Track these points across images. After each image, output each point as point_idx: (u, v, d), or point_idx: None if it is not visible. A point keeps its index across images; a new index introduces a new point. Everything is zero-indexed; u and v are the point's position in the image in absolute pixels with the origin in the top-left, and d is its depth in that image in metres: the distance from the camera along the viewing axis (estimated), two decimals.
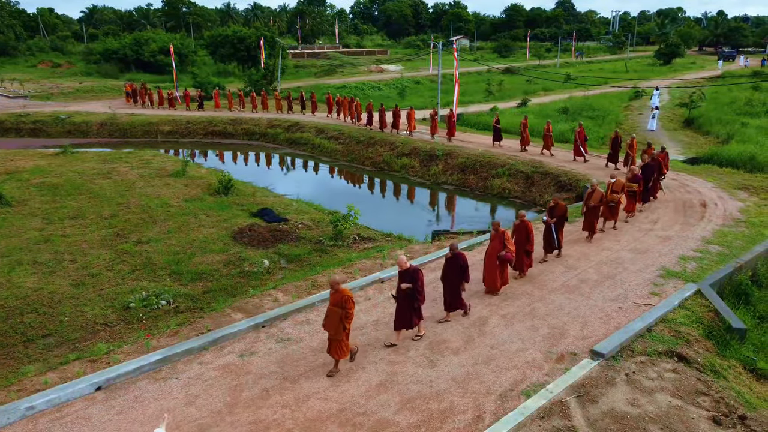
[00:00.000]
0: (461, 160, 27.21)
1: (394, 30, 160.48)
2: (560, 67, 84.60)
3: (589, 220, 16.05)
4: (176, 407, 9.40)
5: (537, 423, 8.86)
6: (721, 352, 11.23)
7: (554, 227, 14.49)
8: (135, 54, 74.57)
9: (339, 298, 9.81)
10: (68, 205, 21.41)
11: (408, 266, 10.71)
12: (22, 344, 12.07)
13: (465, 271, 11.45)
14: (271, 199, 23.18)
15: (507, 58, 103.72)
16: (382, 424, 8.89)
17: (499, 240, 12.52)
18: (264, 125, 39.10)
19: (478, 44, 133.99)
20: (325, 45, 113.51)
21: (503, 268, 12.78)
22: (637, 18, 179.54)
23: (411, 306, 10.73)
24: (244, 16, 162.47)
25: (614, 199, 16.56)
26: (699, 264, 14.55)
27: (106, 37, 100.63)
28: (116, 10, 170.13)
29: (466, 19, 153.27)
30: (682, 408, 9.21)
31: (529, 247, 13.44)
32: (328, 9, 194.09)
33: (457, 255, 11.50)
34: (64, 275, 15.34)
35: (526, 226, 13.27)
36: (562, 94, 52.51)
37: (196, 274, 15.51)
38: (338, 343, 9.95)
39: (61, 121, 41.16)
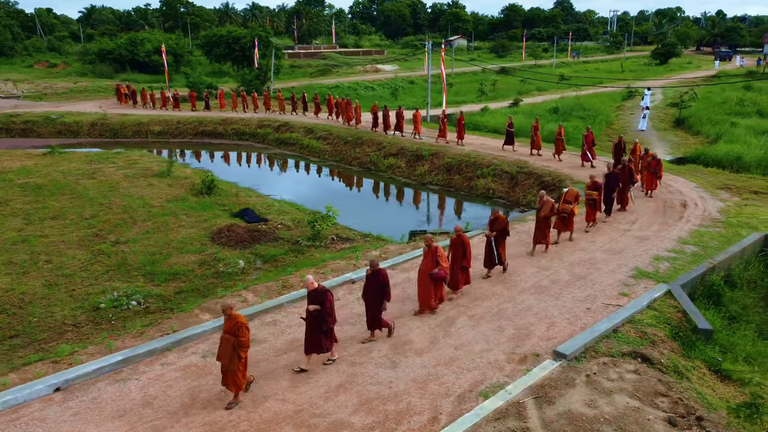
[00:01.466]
0: (447, 160, 27.16)
1: (392, 30, 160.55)
2: (556, 67, 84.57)
3: (541, 232, 15.11)
4: (133, 408, 9.38)
5: (492, 424, 8.83)
6: (687, 353, 11.20)
7: (494, 241, 13.53)
8: (130, 54, 74.50)
9: (232, 325, 9.05)
10: (50, 206, 21.40)
11: (316, 286, 10.01)
12: None
13: (385, 288, 10.79)
14: (254, 199, 23.15)
15: (504, 58, 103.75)
16: (336, 426, 8.86)
17: (431, 257, 11.76)
18: (254, 125, 39.07)
19: (476, 44, 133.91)
20: (321, 45, 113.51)
21: (437, 286, 12.01)
22: (636, 18, 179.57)
23: (320, 329, 10.01)
24: (242, 16, 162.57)
25: (566, 209, 15.64)
26: (672, 264, 14.51)
27: (103, 37, 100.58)
28: (114, 10, 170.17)
29: (464, 19, 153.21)
30: (639, 409, 9.17)
31: (465, 263, 12.60)
32: (327, 9, 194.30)
33: (377, 272, 10.82)
34: (37, 276, 15.32)
35: (463, 241, 12.49)
36: (555, 94, 52.47)
37: (170, 274, 15.49)
38: (233, 374, 9.15)
39: (52, 122, 41.15)
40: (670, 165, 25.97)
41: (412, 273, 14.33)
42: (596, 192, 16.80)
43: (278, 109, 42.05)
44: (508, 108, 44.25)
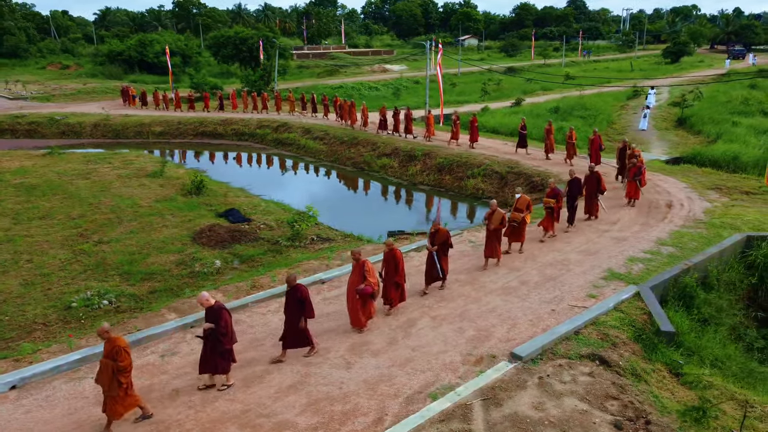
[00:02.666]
0: (439, 160, 27.11)
1: (403, 30, 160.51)
2: (566, 66, 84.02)
3: (491, 245, 14.21)
4: (84, 407, 9.49)
5: (435, 426, 8.80)
6: (648, 356, 11.07)
7: (436, 255, 12.85)
8: (139, 55, 75.24)
9: (110, 349, 8.50)
10: (40, 206, 21.68)
11: (211, 303, 9.46)
12: None
13: (304, 305, 10.30)
14: (242, 199, 23.27)
15: (513, 57, 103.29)
16: (281, 426, 8.88)
17: (359, 271, 11.16)
18: (253, 126, 39.28)
19: (487, 44, 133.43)
20: (331, 45, 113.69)
21: (365, 302, 11.37)
22: (650, 16, 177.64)
23: (215, 349, 9.50)
24: (254, 17, 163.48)
25: (516, 218, 14.73)
26: (646, 266, 14.36)
27: (114, 39, 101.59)
28: (129, 12, 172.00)
29: (476, 18, 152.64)
30: (587, 412, 9.09)
31: (398, 278, 11.91)
32: (339, 9, 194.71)
33: (296, 288, 10.30)
34: (16, 275, 15.53)
35: (395, 256, 11.78)
36: (559, 94, 52.08)
37: (146, 274, 15.61)
38: (113, 400, 8.55)
39: (56, 123, 41.69)
40: (662, 165, 25.71)
41: None
42: (554, 199, 15.78)
43: (290, 110, 42.00)
44: (510, 107, 44.05)
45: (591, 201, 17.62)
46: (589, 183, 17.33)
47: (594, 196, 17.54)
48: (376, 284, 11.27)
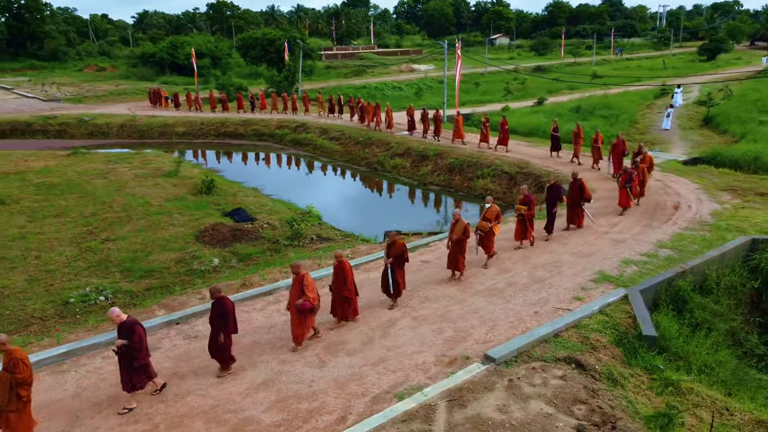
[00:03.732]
0: (450, 160, 27.04)
1: (434, 29, 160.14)
2: (596, 64, 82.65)
3: (452, 257, 13.51)
4: (62, 398, 9.80)
5: (397, 426, 8.83)
6: (628, 360, 10.87)
7: (390, 268, 12.23)
8: (171, 57, 76.88)
9: (7, 361, 8.10)
10: (56, 204, 22.40)
11: (123, 319, 9.16)
12: None
13: (227, 319, 9.86)
14: (251, 198, 23.62)
15: (543, 56, 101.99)
16: (245, 422, 9.04)
17: (298, 285, 10.71)
18: (273, 126, 39.79)
19: (518, 42, 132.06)
20: (360, 45, 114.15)
21: (304, 318, 10.85)
22: (689, 12, 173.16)
23: (130, 365, 9.20)
24: (287, 18, 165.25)
25: (484, 227, 13.95)
26: (640, 268, 14.08)
27: (149, 41, 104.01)
28: (165, 15, 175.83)
29: (508, 17, 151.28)
30: (552, 416, 8.99)
31: (346, 293, 11.39)
32: (371, 9, 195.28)
33: (218, 301, 9.91)
34: (23, 271, 16.11)
35: (343, 268, 11.33)
36: (585, 93, 51.24)
37: (146, 271, 16.02)
38: (6, 416, 8.12)
39: (84, 123, 42.94)
40: (678, 166, 25.11)
41: (372, 273, 14.43)
42: (525, 206, 15.00)
43: (319, 111, 41.94)
44: (531, 107, 43.58)
45: (573, 209, 16.76)
46: (572, 190, 16.54)
47: (577, 205, 16.67)
48: (316, 299, 10.76)
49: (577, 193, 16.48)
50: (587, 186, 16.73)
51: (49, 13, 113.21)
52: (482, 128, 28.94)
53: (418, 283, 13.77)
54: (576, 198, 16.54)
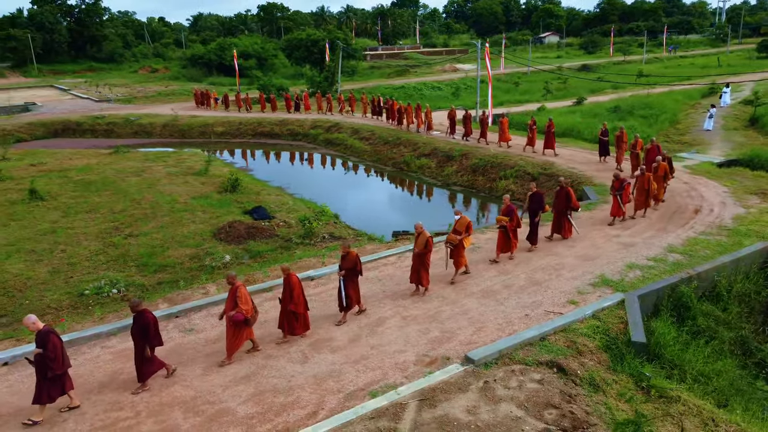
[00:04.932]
0: (475, 161, 26.90)
1: (483, 28, 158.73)
2: (647, 62, 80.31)
3: (413, 271, 12.98)
4: None
5: (364, 423, 8.97)
6: (614, 366, 10.67)
7: (342, 282, 11.89)
8: (218, 58, 79.00)
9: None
10: (90, 200, 23.47)
11: (39, 327, 9.09)
12: None
13: (147, 333, 9.74)
14: (273, 197, 24.13)
15: (592, 54, 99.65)
16: (220, 413, 9.36)
17: (232, 296, 10.53)
18: (308, 126, 40.42)
19: (567, 40, 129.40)
20: (405, 45, 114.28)
21: (238, 330, 10.57)
22: (752, 7, 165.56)
23: (44, 375, 9.07)
24: (337, 18, 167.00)
25: (453, 240, 13.29)
26: (644, 273, 13.73)
27: (202, 43, 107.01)
28: (219, 17, 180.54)
29: (558, 14, 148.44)
30: (520, 419, 8.95)
31: (292, 306, 11.03)
32: (420, 9, 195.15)
33: (139, 314, 9.75)
34: (48, 263, 17.00)
35: (290, 282, 11.01)
36: (629, 92, 49.86)
37: (160, 266, 16.65)
38: None
39: (130, 123, 44.70)
40: (711, 168, 24.23)
41: (371, 272, 14.59)
42: (507, 217, 14.29)
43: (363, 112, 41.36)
44: (568, 107, 42.76)
45: (560, 219, 16.01)
46: (558, 199, 15.80)
47: (563, 214, 15.92)
48: (249, 311, 10.53)
49: (564, 202, 15.70)
50: (574, 195, 15.97)
51: (108, 18, 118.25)
52: (529, 131, 27.56)
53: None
54: (562, 207, 15.78)
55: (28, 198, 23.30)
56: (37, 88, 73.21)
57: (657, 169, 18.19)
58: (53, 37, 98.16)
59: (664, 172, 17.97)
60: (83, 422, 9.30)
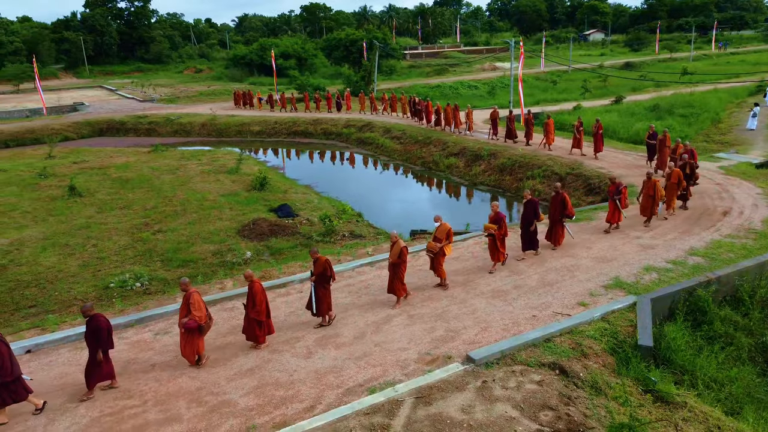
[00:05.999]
0: (502, 160, 26.70)
1: (526, 26, 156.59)
2: (694, 60, 77.82)
3: (389, 281, 12.57)
4: (73, 372, 10.86)
5: (359, 418, 9.10)
6: (619, 370, 10.51)
7: (314, 287, 11.74)
8: (260, 59, 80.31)
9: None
10: (125, 197, 24.32)
11: None
12: (10, 312, 14.36)
13: (99, 336, 9.67)
14: (299, 195, 24.49)
15: (638, 52, 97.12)
16: (222, 404, 9.64)
17: (185, 303, 10.39)
18: (341, 125, 40.78)
19: (612, 38, 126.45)
20: (445, 44, 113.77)
21: (191, 336, 10.44)
22: None
23: None
24: (379, 18, 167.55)
25: (433, 248, 12.88)
26: (660, 276, 13.43)
27: (246, 44, 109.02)
28: (263, 18, 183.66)
29: (603, 11, 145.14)
30: (514, 419, 8.92)
31: (254, 314, 10.87)
32: (463, 7, 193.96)
33: (91, 319, 9.74)
34: (79, 257, 17.74)
35: (252, 289, 10.85)
36: (671, 91, 48.47)
37: (184, 261, 17.15)
38: None
39: (170, 122, 45.98)
40: (748, 168, 23.41)
41: (382, 271, 14.69)
42: (495, 225, 13.65)
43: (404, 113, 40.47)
44: (606, 106, 41.89)
45: (555, 226, 15.35)
46: (553, 205, 15.20)
47: (558, 221, 15.26)
48: (203, 318, 10.39)
49: (558, 208, 15.08)
50: (570, 201, 15.37)
51: (156, 20, 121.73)
52: (575, 132, 26.15)
53: (425, 282, 13.91)
54: (557, 213, 15.16)
55: (68, 194, 24.30)
56: (87, 88, 76.02)
57: (670, 176, 17.20)
58: (104, 40, 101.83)
59: (678, 179, 16.99)
60: (94, 408, 9.72)
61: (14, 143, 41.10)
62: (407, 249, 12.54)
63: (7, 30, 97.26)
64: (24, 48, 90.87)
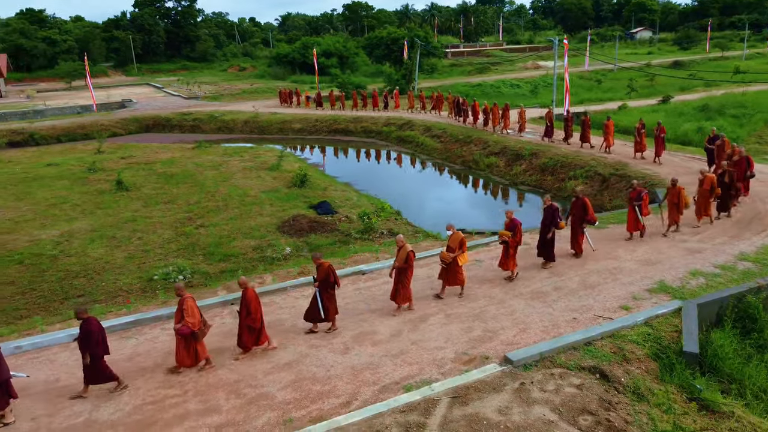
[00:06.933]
0: (544, 160, 26.31)
1: (570, 24, 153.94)
2: (746, 59, 75.14)
3: (394, 287, 12.29)
4: (119, 361, 11.14)
5: (394, 415, 9.09)
6: (662, 376, 10.22)
7: (318, 293, 11.56)
8: (302, 57, 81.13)
9: None
10: (169, 192, 24.90)
11: None
12: (60, 301, 14.89)
13: (89, 340, 9.59)
14: (338, 192, 24.63)
15: (687, 50, 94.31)
16: (260, 397, 9.77)
17: (179, 309, 10.32)
18: (381, 124, 40.85)
19: (661, 36, 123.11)
20: (487, 43, 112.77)
21: (186, 342, 10.32)
22: None
23: None
24: (421, 16, 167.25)
25: (445, 258, 12.49)
26: (708, 281, 13.00)
27: (288, 42, 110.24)
28: (305, 17, 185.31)
29: (651, 8, 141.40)
30: (553, 423, 8.77)
31: (249, 321, 10.67)
32: (506, 5, 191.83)
33: (84, 322, 9.64)
34: (125, 249, 18.25)
35: (246, 296, 10.63)
36: (722, 90, 46.91)
37: (225, 255, 17.47)
38: None
39: (214, 119, 46.88)
40: None
41: (422, 270, 14.64)
42: (510, 232, 13.19)
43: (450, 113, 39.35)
44: (652, 106, 40.83)
45: (575, 231, 14.66)
46: (574, 210, 14.59)
47: (579, 227, 14.57)
48: (196, 325, 10.25)
49: (579, 214, 14.44)
50: (591, 207, 14.67)
51: (202, 19, 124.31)
52: (636, 135, 24.89)
53: None
54: (578, 219, 14.51)
55: (115, 188, 25.03)
56: (135, 86, 78.17)
57: (702, 182, 16.28)
58: (152, 38, 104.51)
59: (711, 186, 16.06)
60: (137, 396, 9.98)
61: (66, 138, 42.57)
62: (414, 254, 12.28)
63: (61, 29, 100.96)
64: (76, 46, 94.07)
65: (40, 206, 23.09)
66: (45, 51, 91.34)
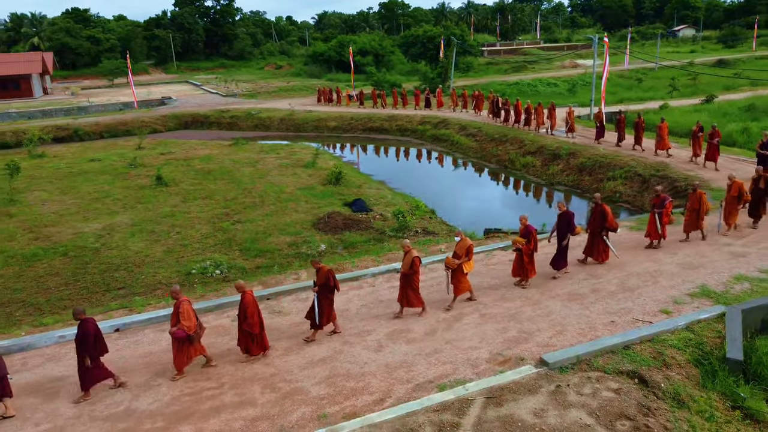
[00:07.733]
0: (582, 160, 25.89)
1: (610, 22, 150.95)
2: None
3: (401, 291, 12.14)
4: (155, 352, 11.45)
5: (428, 414, 9.07)
6: (703, 383, 9.95)
7: (317, 298, 11.37)
8: (338, 56, 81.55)
9: None
10: (207, 188, 25.32)
11: None
12: (102, 292, 15.28)
13: (86, 342, 9.56)
14: (373, 190, 24.68)
15: (733, 48, 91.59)
16: (295, 392, 9.87)
17: (175, 311, 10.28)
18: (416, 122, 40.78)
19: (704, 34, 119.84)
20: (524, 41, 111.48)
21: (182, 346, 10.27)
22: None
23: None
24: (458, 14, 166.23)
25: (450, 264, 12.23)
26: (753, 286, 12.61)
27: (324, 41, 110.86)
28: (341, 15, 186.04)
29: (694, 6, 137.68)
30: (589, 427, 8.63)
31: (246, 326, 10.56)
32: (544, 3, 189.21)
33: (82, 323, 9.63)
34: (164, 243, 18.63)
35: (243, 301, 10.58)
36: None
37: (261, 251, 17.68)
38: None
39: (251, 117, 47.48)
40: None
41: None
42: (524, 239, 12.87)
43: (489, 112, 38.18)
44: (695, 105, 39.77)
45: (594, 239, 14.23)
46: (593, 217, 14.22)
47: (597, 234, 14.13)
48: (192, 328, 10.22)
49: (598, 221, 13.97)
50: (611, 213, 14.15)
51: (240, 18, 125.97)
52: (692, 139, 23.79)
53: (498, 281, 13.69)
54: (597, 226, 14.04)
55: (155, 184, 25.57)
56: (174, 83, 79.73)
57: (730, 188, 15.51)
58: (191, 37, 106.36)
59: (738, 192, 15.29)
60: (174, 388, 10.18)
61: (108, 135, 43.71)
62: (420, 259, 12.11)
63: (104, 28, 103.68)
64: (119, 45, 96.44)
65: (84, 200, 23.75)
66: (89, 49, 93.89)
